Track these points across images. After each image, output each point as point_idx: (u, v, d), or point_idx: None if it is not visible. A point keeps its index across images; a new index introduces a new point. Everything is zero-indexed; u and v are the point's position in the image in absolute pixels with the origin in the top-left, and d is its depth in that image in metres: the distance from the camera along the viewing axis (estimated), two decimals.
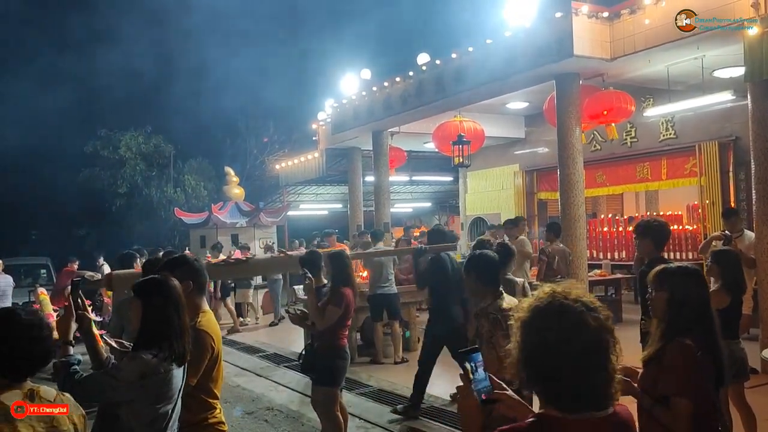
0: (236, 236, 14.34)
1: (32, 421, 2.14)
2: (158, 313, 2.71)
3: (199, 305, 3.22)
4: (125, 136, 21.01)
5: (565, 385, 1.54)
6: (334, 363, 4.93)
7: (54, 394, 2.26)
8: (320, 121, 14.35)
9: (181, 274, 3.16)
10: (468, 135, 10.72)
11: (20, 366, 2.21)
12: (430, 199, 22.84)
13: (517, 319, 1.64)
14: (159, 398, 2.67)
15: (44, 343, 2.21)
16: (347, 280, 4.99)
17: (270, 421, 6.61)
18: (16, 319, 2.21)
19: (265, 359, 9.56)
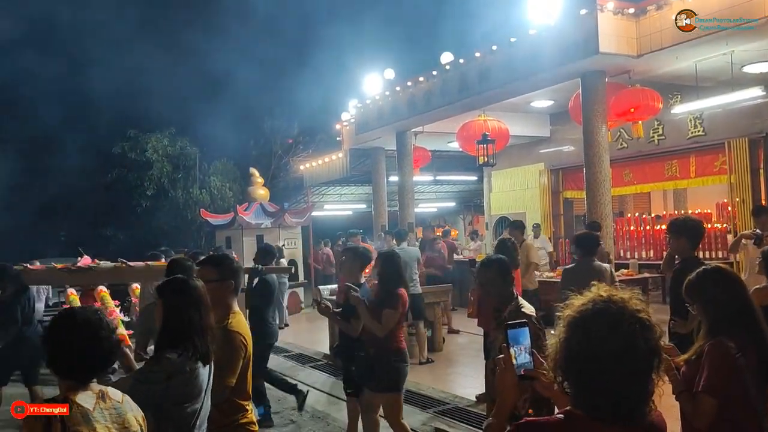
0: (261, 237, 14.43)
1: (107, 422, 2.13)
2: (180, 313, 2.72)
3: (231, 306, 3.24)
4: (151, 138, 21.27)
5: (601, 395, 1.51)
6: (396, 367, 4.72)
7: (120, 394, 2.27)
8: (344, 122, 14.39)
9: (226, 272, 3.21)
10: (492, 134, 10.67)
11: (85, 367, 2.19)
12: (454, 199, 22.76)
13: (566, 316, 1.59)
14: (185, 397, 2.69)
15: (106, 342, 2.18)
16: (400, 281, 4.79)
17: (296, 421, 6.64)
18: (78, 319, 2.20)
19: (290, 359, 9.61)
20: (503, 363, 1.74)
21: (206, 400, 2.82)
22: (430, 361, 8.37)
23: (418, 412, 6.38)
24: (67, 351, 2.17)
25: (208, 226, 16.39)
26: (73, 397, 2.11)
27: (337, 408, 7.07)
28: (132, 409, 2.28)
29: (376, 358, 4.75)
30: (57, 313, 2.31)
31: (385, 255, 5.03)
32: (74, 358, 2.16)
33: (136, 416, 2.28)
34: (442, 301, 9.50)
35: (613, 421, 1.51)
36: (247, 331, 3.22)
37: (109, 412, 2.18)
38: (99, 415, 2.13)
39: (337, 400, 7.35)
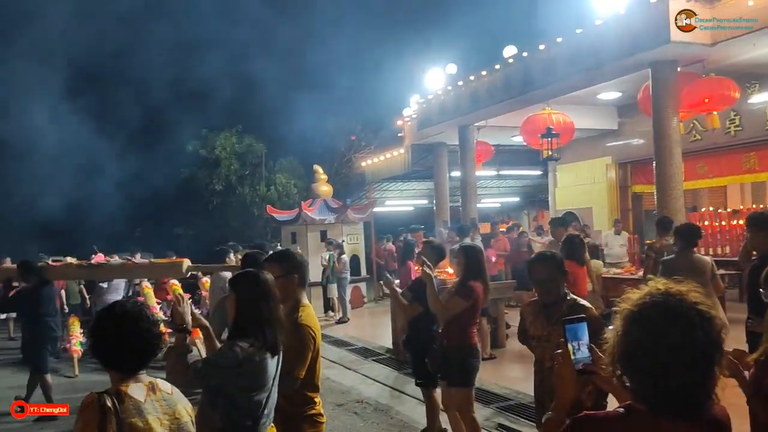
0: (325, 233, 14.63)
1: (158, 413, 2.19)
2: (251, 305, 2.84)
3: (300, 299, 3.32)
4: (219, 136, 21.88)
5: (661, 389, 1.48)
6: (467, 363, 4.75)
7: (170, 386, 2.34)
8: (406, 118, 14.41)
9: (289, 266, 3.30)
10: (557, 127, 10.47)
11: (128, 358, 2.24)
12: (518, 194, 22.44)
13: (623, 310, 1.57)
14: (254, 386, 2.78)
15: (149, 335, 2.23)
16: (479, 275, 4.78)
17: (359, 414, 6.71)
18: (121, 312, 2.25)
19: (353, 353, 9.72)
20: (561, 358, 1.73)
21: (273, 390, 2.90)
22: (492, 357, 8.30)
23: (480, 408, 6.34)
24: (109, 343, 2.23)
25: (273, 222, 16.72)
26: (125, 389, 2.17)
27: (399, 401, 7.12)
28: (182, 400, 2.33)
29: (449, 352, 4.80)
30: (102, 308, 2.37)
31: (467, 247, 5.04)
32: (116, 350, 2.22)
33: (186, 407, 2.33)
34: (506, 296, 9.40)
35: (674, 415, 1.48)
36: (316, 324, 3.28)
37: (160, 403, 2.23)
38: (150, 406, 2.18)
39: (400, 393, 7.39)
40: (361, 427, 6.28)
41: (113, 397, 2.13)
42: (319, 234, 14.59)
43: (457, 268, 4.98)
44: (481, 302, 4.85)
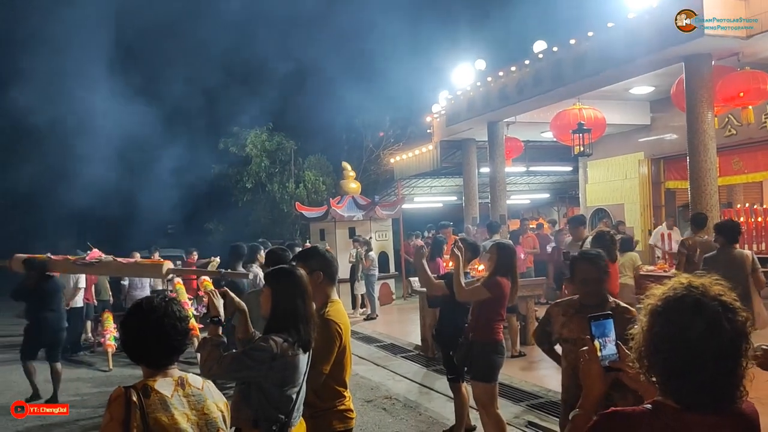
0: (353, 230, 14.69)
1: (185, 409, 2.20)
2: (286, 301, 2.89)
3: (329, 295, 3.36)
4: (250, 134, 22.09)
5: (688, 382, 1.47)
6: (492, 358, 4.82)
7: (200, 381, 2.33)
8: (434, 114, 14.38)
9: (313, 264, 3.34)
10: (588, 123, 10.35)
11: (156, 354, 2.27)
12: (548, 190, 22.23)
13: (647, 305, 1.58)
14: (285, 381, 2.82)
15: (174, 331, 2.24)
16: (508, 271, 4.86)
17: (388, 410, 6.74)
18: (148, 308, 2.27)
19: (382, 349, 9.75)
20: (587, 354, 1.73)
21: (304, 386, 2.95)
22: (522, 354, 8.26)
23: (510, 405, 6.33)
24: (136, 338, 2.26)
25: (302, 218, 16.84)
26: (152, 384, 2.19)
27: (428, 398, 7.13)
28: (212, 396, 2.32)
29: (474, 347, 4.86)
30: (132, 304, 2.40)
31: (501, 245, 5.12)
32: (143, 345, 2.26)
33: (217, 403, 2.32)
34: (535, 294, 9.34)
35: (702, 409, 1.47)
36: (344, 320, 3.31)
37: (188, 399, 2.23)
38: (177, 401, 2.19)
39: (429, 390, 7.40)
40: (390, 423, 6.31)
41: (139, 392, 2.15)
42: (347, 231, 14.65)
43: (488, 263, 5.04)
44: (507, 298, 4.90)
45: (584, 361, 1.74)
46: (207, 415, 2.25)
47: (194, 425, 2.20)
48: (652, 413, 1.51)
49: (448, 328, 5.62)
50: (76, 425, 6.62)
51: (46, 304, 7.53)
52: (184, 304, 9.77)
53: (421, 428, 6.13)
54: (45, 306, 7.51)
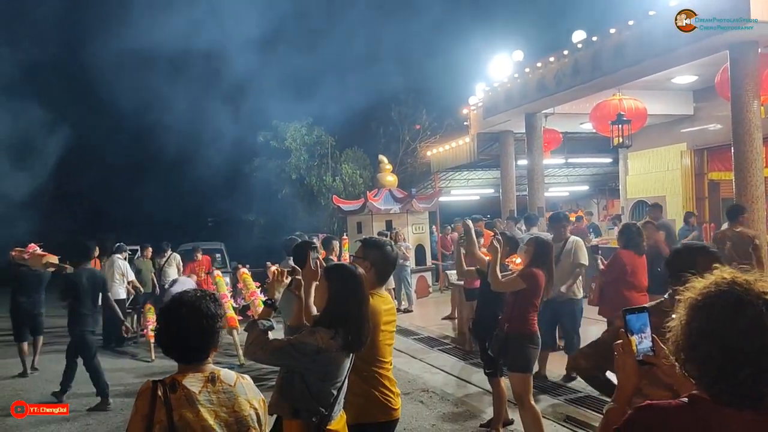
0: (390, 222, 14.72)
1: (214, 405, 2.19)
2: (341, 300, 2.92)
3: (373, 284, 3.36)
4: (290, 127, 22.28)
5: (726, 378, 1.46)
6: (526, 349, 4.89)
7: (234, 378, 2.30)
8: (471, 106, 14.29)
9: (372, 254, 3.40)
10: (629, 114, 10.16)
11: (184, 349, 2.26)
12: (587, 182, 21.89)
13: (686, 298, 1.56)
14: (328, 376, 2.86)
15: (200, 327, 2.22)
16: (542, 264, 4.97)
17: (425, 403, 6.76)
18: (178, 304, 2.28)
19: (419, 342, 9.78)
20: (622, 348, 1.73)
21: (345, 382, 2.99)
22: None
23: (548, 399, 6.29)
24: (165, 332, 2.27)
25: (340, 212, 16.94)
26: (180, 379, 2.19)
27: (465, 391, 7.13)
28: (246, 393, 2.29)
29: (509, 337, 4.93)
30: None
31: (538, 238, 5.26)
32: (171, 340, 2.27)
33: (251, 400, 2.28)
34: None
35: (740, 405, 1.45)
36: (375, 310, 3.30)
37: (218, 395, 2.21)
38: (205, 398, 2.18)
39: (466, 383, 7.41)
40: (427, 415, 6.33)
41: (166, 387, 2.17)
42: (384, 224, 14.70)
43: (525, 256, 5.13)
44: (542, 290, 4.96)
45: (619, 354, 1.73)
46: (237, 413, 2.22)
47: (222, 423, 2.18)
48: (688, 407, 1.50)
49: (485, 321, 5.63)
50: (120, 414, 6.83)
51: (21, 291, 8.91)
52: (222, 296, 10.01)
53: (458, 421, 6.14)
54: (20, 292, 8.92)
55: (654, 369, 1.71)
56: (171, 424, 2.11)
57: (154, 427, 2.12)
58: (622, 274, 6.30)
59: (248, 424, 2.24)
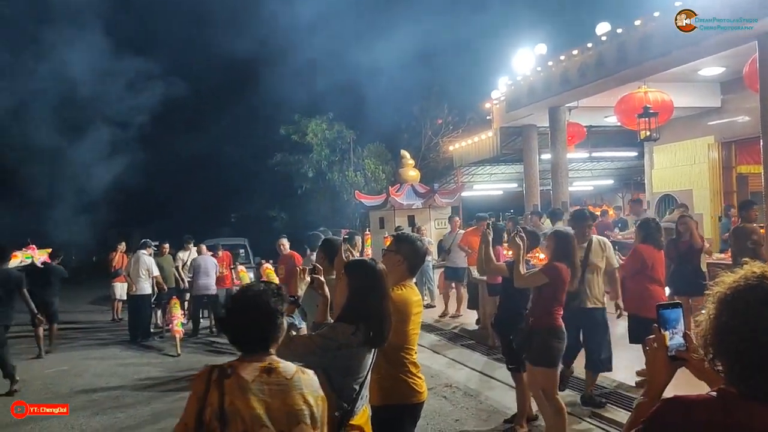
0: (412, 217, 14.72)
1: (264, 396, 2.20)
2: (361, 295, 2.94)
3: (402, 277, 3.43)
4: (311, 123, 22.36)
5: (755, 373, 1.44)
6: (551, 343, 4.87)
7: (293, 371, 2.29)
8: (494, 100, 14.19)
9: (403, 248, 3.47)
10: (655, 106, 10.00)
11: (242, 338, 2.31)
12: (612, 176, 21.66)
13: (715, 293, 1.54)
14: (349, 371, 2.88)
15: (260, 320, 2.27)
16: (565, 257, 4.94)
17: (449, 398, 6.76)
18: (241, 295, 2.35)
19: (442, 337, 9.77)
20: (654, 343, 1.72)
21: (368, 377, 3.00)
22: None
23: (574, 395, 6.24)
24: (227, 321, 2.33)
25: (362, 207, 17.01)
26: (236, 367, 2.23)
27: (488, 386, 7.11)
28: (303, 388, 2.26)
29: (534, 333, 4.91)
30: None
31: (558, 232, 5.24)
32: (232, 329, 2.31)
33: (306, 396, 2.26)
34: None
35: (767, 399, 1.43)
36: (404, 300, 3.35)
37: (270, 387, 2.21)
38: (257, 387, 2.19)
39: (489, 378, 7.38)
40: (450, 411, 6.33)
41: (221, 373, 2.21)
42: (406, 219, 14.70)
43: (547, 251, 5.16)
44: (566, 284, 4.94)
45: (650, 350, 1.73)
46: (289, 406, 2.21)
47: (272, 414, 2.18)
48: (716, 401, 1.48)
49: (507, 317, 5.61)
50: (147, 407, 6.93)
51: (32, 283, 9.21)
52: None
53: (482, 417, 6.13)
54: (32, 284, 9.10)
55: (686, 365, 1.70)
56: (221, 409, 2.15)
57: (206, 409, 2.17)
58: (643, 269, 6.23)
59: (299, 419, 2.22)
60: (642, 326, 5.76)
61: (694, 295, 7.09)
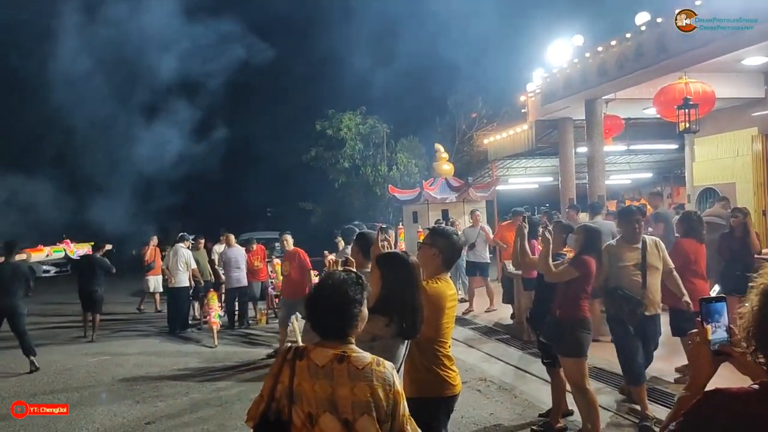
0: (446, 212, 14.66)
1: (332, 381, 2.22)
2: (394, 287, 2.96)
3: (438, 271, 3.47)
4: (345, 117, 22.43)
5: None
6: (578, 334, 4.95)
7: (366, 362, 2.27)
8: (529, 93, 14.03)
9: (439, 242, 3.50)
10: (695, 98, 9.77)
11: (319, 325, 2.35)
12: (650, 170, 21.22)
13: (759, 284, 1.53)
14: None
15: (346, 307, 2.31)
16: (593, 251, 5.05)
17: (483, 392, 6.74)
18: (322, 283, 2.42)
19: (476, 332, 9.74)
20: (697, 337, 1.69)
21: (401, 368, 3.01)
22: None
23: (609, 391, 6.17)
24: (311, 309, 2.39)
25: (395, 201, 17.00)
26: (310, 350, 2.30)
27: (523, 381, 7.07)
28: (373, 379, 2.24)
29: (562, 322, 4.99)
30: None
31: (586, 226, 5.38)
32: (314, 317, 2.38)
33: (375, 388, 2.22)
34: None
35: None
36: (439, 293, 3.38)
37: (339, 374, 2.22)
38: (326, 372, 2.22)
39: (524, 372, 7.34)
40: (485, 404, 6.31)
41: (296, 354, 2.30)
42: (440, 213, 14.65)
43: (575, 244, 5.25)
44: (593, 276, 5.03)
45: (693, 344, 1.71)
46: (357, 396, 2.20)
47: (338, 400, 2.20)
48: (758, 394, 1.46)
49: (542, 311, 5.58)
50: (185, 397, 7.08)
51: (80, 275, 11.30)
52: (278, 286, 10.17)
53: (516, 411, 6.10)
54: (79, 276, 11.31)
55: (729, 360, 1.67)
56: (290, 388, 2.24)
57: (278, 385, 2.28)
58: (686, 263, 6.11)
59: (364, 410, 2.21)
60: (683, 319, 5.67)
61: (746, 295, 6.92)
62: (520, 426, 5.71)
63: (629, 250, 5.56)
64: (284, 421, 2.23)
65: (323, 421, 2.20)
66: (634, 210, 5.96)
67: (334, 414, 2.21)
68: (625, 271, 5.50)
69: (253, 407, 2.31)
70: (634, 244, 5.58)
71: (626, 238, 5.66)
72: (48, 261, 20.39)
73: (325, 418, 2.20)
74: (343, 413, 2.20)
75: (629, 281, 5.47)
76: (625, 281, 5.46)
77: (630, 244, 5.59)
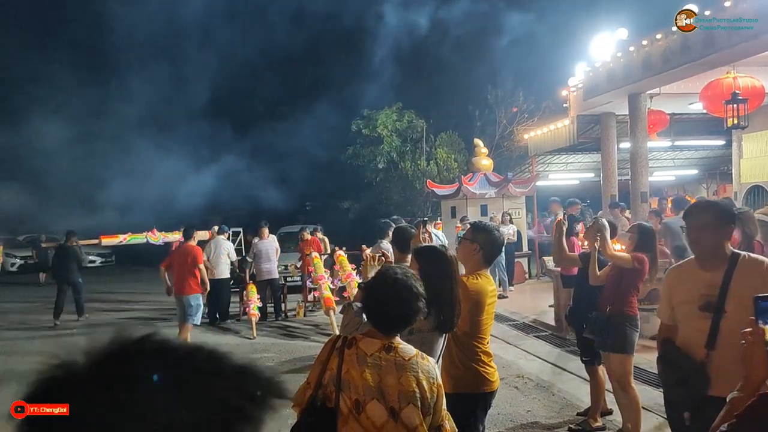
0: (485, 207, 14.58)
1: (380, 370, 2.28)
2: (433, 281, 2.95)
3: (478, 267, 3.50)
4: (380, 115, 22.45)
5: None
6: (626, 330, 4.92)
7: (411, 354, 2.36)
8: (571, 87, 13.83)
9: (480, 237, 3.52)
10: (744, 92, 9.49)
11: (375, 318, 2.41)
12: (696, 166, 20.69)
13: None
14: None
15: (406, 303, 2.36)
16: (647, 250, 5.02)
17: (520, 389, 6.70)
18: (379, 277, 2.47)
19: (514, 328, 9.67)
20: (751, 337, 1.63)
21: (439, 362, 3.03)
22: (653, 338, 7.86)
23: (651, 391, 6.07)
24: (368, 302, 2.45)
25: (434, 196, 16.95)
26: (359, 340, 2.35)
27: (561, 379, 7.00)
28: (418, 371, 2.31)
29: (611, 318, 4.93)
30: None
31: (641, 225, 5.32)
32: (368, 306, 2.45)
33: (420, 380, 2.30)
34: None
35: None
36: (479, 289, 3.39)
37: (387, 363, 2.29)
38: (374, 361, 2.28)
39: (562, 370, 7.27)
40: (522, 401, 6.27)
41: (345, 342, 2.35)
42: (479, 208, 14.57)
43: (629, 242, 5.16)
44: (645, 274, 4.97)
45: (747, 344, 1.64)
46: (402, 386, 2.27)
47: (385, 388, 2.26)
48: None
49: (582, 309, 5.53)
50: None
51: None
52: (320, 277, 10.28)
53: (554, 409, 6.05)
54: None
55: None
56: (338, 375, 2.29)
57: (326, 372, 2.32)
58: None
59: (409, 400, 2.28)
60: None
61: None
62: (558, 424, 5.66)
63: (699, 275, 3.07)
64: (330, 408, 2.28)
65: (370, 408, 2.24)
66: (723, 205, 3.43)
67: (381, 402, 2.25)
68: (684, 314, 3.10)
69: (299, 394, 2.35)
70: (707, 268, 3.06)
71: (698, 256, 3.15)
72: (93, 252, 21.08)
73: (372, 406, 2.25)
74: (390, 401, 2.25)
75: (689, 333, 3.07)
76: (683, 332, 3.13)
77: (702, 268, 3.09)
